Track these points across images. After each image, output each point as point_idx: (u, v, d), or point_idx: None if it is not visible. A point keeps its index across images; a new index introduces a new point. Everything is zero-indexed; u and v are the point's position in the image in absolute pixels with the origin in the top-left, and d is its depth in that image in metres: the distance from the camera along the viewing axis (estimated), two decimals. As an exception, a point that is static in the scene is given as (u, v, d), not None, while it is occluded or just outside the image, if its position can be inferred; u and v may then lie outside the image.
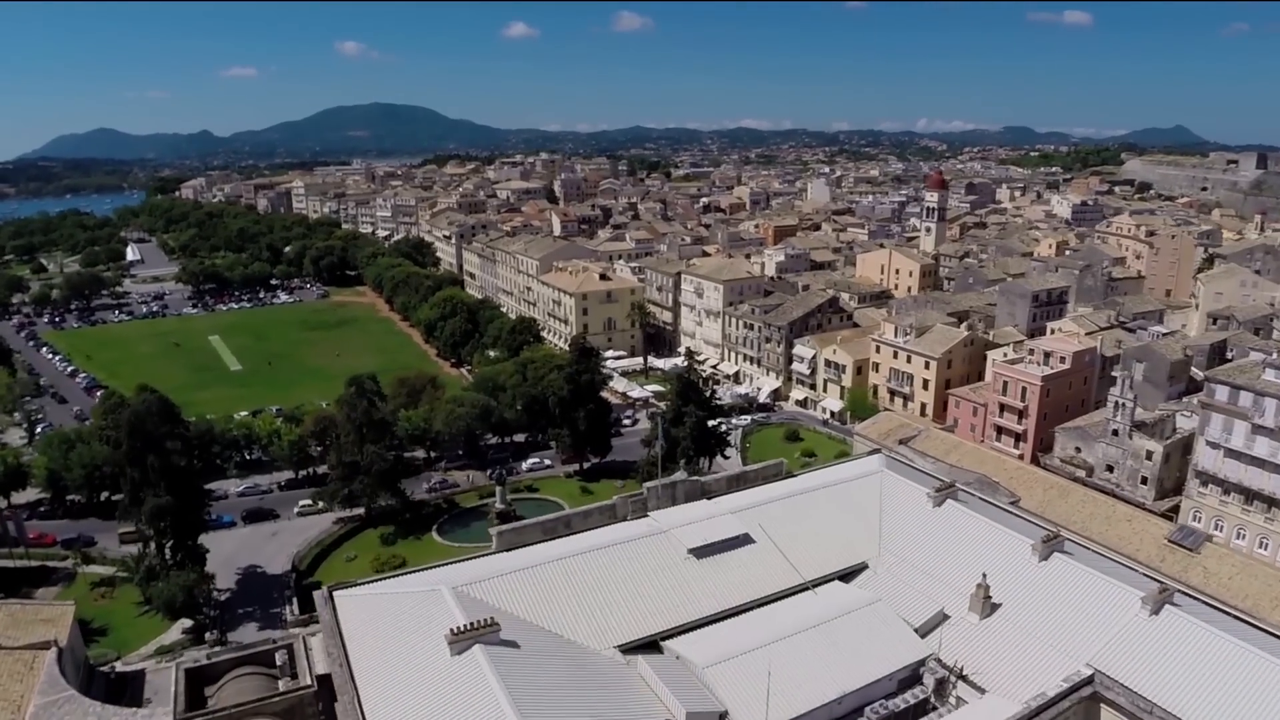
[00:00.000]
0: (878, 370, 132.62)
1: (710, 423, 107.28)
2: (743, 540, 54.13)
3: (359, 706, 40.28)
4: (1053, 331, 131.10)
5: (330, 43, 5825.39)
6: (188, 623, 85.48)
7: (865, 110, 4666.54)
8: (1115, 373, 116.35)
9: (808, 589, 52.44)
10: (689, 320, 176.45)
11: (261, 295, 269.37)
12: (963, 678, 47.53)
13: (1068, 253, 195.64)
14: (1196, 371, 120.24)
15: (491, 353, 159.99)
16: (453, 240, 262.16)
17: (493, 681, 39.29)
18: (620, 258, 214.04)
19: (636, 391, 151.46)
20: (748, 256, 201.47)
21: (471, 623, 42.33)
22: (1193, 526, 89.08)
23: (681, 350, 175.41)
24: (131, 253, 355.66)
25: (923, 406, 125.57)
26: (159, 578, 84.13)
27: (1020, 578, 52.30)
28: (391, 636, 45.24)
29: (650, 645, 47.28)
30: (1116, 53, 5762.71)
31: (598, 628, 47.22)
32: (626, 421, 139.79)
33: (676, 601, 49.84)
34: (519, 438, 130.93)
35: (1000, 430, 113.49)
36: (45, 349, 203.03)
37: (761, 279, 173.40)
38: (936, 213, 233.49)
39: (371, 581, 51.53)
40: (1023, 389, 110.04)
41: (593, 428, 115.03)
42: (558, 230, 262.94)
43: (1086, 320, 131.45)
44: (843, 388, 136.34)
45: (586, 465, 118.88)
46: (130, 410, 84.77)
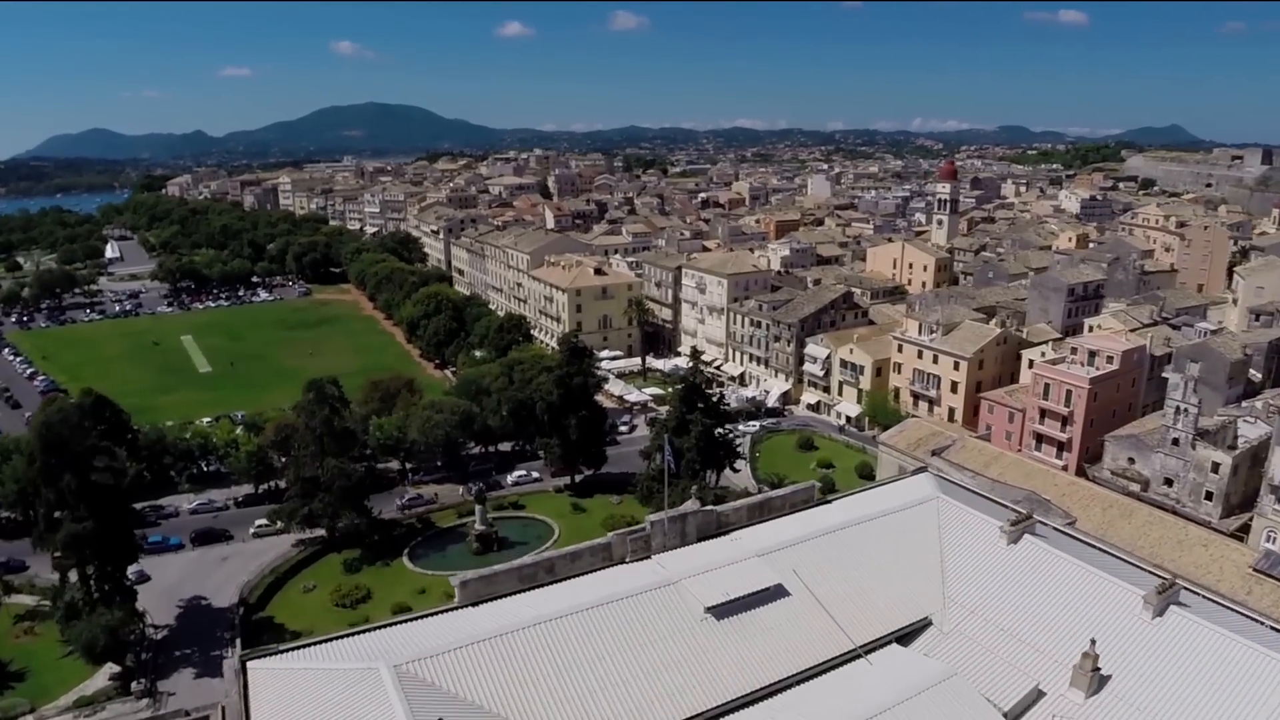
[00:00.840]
0: (899, 371, 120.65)
1: (718, 431, 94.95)
2: (774, 593, 42.54)
3: None
4: (1090, 329, 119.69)
5: (325, 42, 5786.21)
6: (116, 668, 73.70)
7: (860, 110, 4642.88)
8: (1166, 374, 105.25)
9: (860, 656, 40.85)
10: (690, 318, 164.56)
11: (241, 293, 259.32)
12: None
13: (1091, 246, 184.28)
14: (1254, 373, 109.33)
15: (478, 353, 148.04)
16: (440, 235, 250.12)
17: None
18: (616, 252, 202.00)
19: (634, 395, 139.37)
20: (751, 251, 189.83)
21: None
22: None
23: (683, 350, 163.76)
24: (111, 250, 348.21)
25: (950, 411, 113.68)
26: (80, 615, 72.25)
27: (1132, 640, 41.09)
28: (307, 739, 33.78)
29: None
30: (1112, 52, 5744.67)
31: (587, 722, 35.60)
32: (623, 428, 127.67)
33: (691, 680, 38.16)
34: (505, 447, 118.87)
35: (1040, 438, 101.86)
36: (7, 350, 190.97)
37: (768, 273, 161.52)
38: (949, 205, 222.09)
39: (296, 648, 40.10)
40: (1067, 392, 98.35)
41: (585, 436, 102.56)
42: (551, 225, 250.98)
43: (1127, 316, 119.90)
44: (860, 391, 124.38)
45: (579, 478, 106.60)
46: (41, 420, 71.94)
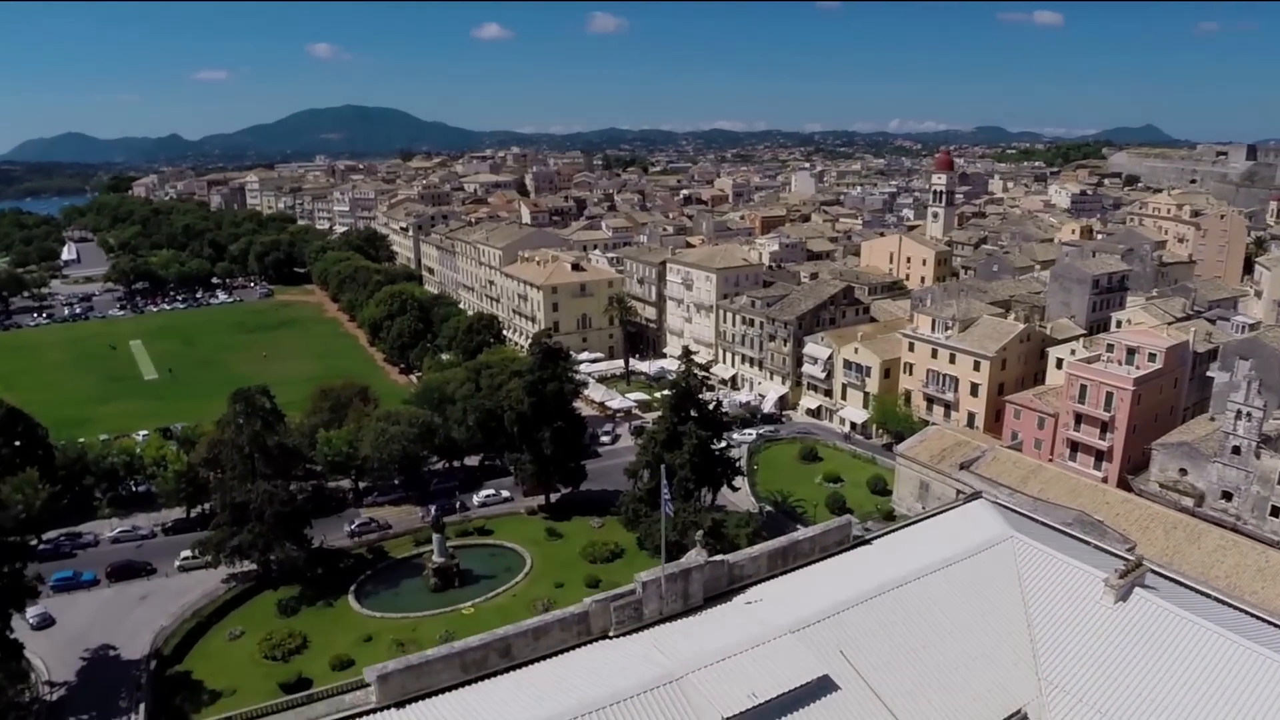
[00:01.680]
0: (910, 372, 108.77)
1: (715, 445, 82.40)
2: (818, 689, 30.24)
3: None
4: (1119, 323, 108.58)
5: (302, 45, 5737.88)
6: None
7: (839, 111, 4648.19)
8: (1211, 373, 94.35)
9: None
10: (676, 316, 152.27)
11: (199, 295, 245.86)
12: None
13: (1100, 237, 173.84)
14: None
15: (445, 356, 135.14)
16: (410, 232, 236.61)
17: None
18: (596, 248, 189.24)
19: (617, 401, 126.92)
20: (740, 245, 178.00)
21: None
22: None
23: (668, 351, 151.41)
24: (68, 252, 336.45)
25: (970, 417, 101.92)
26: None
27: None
28: None
29: None
30: (1087, 53, 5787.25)
31: None
32: (605, 438, 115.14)
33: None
34: (472, 461, 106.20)
35: (1075, 446, 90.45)
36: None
37: (759, 267, 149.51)
38: (944, 197, 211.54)
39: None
40: (1107, 394, 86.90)
41: (561, 450, 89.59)
42: (527, 221, 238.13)
43: (1159, 309, 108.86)
44: (866, 394, 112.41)
45: (555, 497, 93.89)
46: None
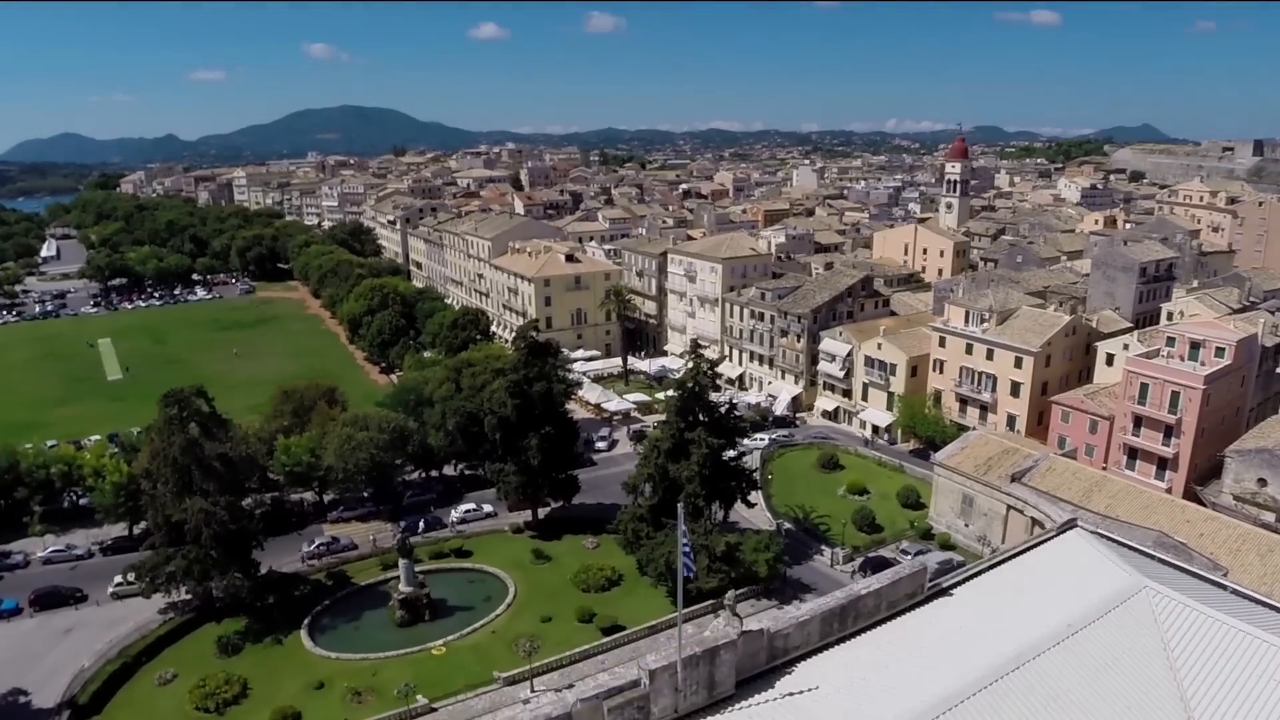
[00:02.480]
0: (940, 370, 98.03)
1: (728, 455, 71.58)
2: None
3: None
4: (1169, 316, 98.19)
5: (298, 44, 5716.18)
6: None
7: (836, 111, 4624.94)
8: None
9: None
10: (678, 311, 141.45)
11: (177, 292, 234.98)
12: None
13: (1128, 227, 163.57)
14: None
15: (427, 353, 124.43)
16: (397, 225, 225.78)
17: None
18: (592, 239, 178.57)
19: (614, 403, 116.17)
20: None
21: None
22: None
23: (669, 349, 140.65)
24: (48, 249, 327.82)
25: (1010, 419, 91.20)
26: None
27: None
28: None
29: None
30: (1084, 52, 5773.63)
31: None
32: (601, 444, 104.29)
33: None
34: (453, 470, 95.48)
35: (1134, 453, 79.87)
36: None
37: (768, 257, 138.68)
38: (959, 186, 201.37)
39: None
40: (1173, 394, 76.25)
41: (550, 459, 78.91)
42: (520, 214, 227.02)
43: (1213, 300, 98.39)
44: (891, 395, 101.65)
45: (543, 513, 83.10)
46: None
